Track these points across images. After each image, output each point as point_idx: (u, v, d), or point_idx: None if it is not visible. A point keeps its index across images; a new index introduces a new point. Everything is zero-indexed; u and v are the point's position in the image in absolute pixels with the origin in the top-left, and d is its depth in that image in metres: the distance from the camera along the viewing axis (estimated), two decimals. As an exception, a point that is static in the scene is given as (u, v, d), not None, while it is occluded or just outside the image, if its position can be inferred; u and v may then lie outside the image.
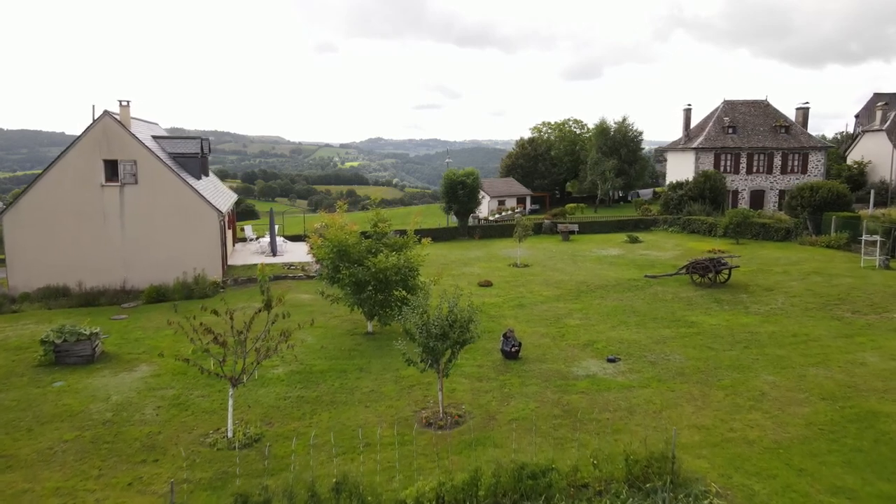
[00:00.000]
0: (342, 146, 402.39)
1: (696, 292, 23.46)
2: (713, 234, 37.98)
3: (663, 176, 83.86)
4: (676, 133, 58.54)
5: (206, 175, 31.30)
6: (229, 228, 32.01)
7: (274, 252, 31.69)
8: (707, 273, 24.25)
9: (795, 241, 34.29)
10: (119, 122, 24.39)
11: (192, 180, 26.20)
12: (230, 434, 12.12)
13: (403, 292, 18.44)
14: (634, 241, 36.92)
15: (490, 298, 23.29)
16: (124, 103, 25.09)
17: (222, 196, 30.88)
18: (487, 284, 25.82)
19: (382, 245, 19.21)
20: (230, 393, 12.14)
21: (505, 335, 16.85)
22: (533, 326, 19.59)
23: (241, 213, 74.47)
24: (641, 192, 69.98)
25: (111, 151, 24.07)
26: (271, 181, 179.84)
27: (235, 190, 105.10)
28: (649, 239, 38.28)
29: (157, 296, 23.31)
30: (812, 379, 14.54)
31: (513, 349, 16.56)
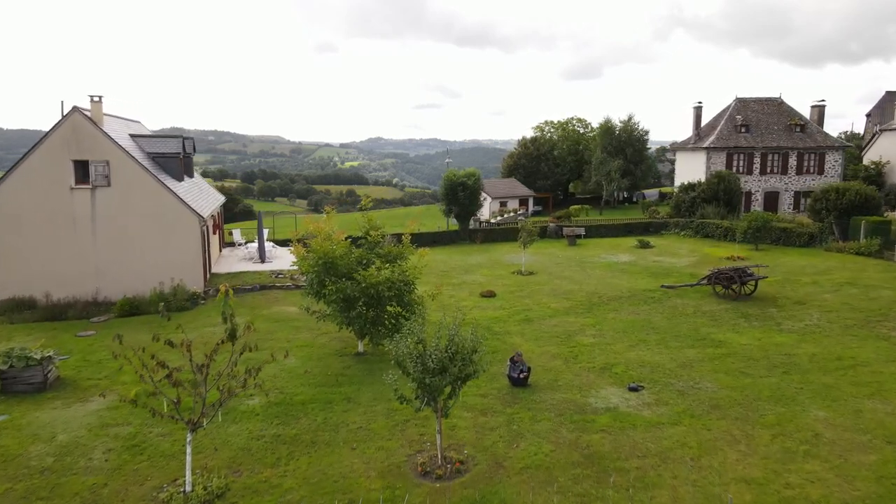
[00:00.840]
0: (342, 146, 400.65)
1: (720, 305, 21.44)
2: (729, 238, 35.89)
3: (666, 176, 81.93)
4: (678, 133, 56.62)
5: (190, 176, 29.31)
6: (215, 233, 30.02)
7: (262, 258, 29.71)
8: (731, 284, 22.20)
9: (821, 248, 32.12)
10: (90, 119, 22.38)
11: (171, 182, 24.21)
12: (188, 488, 10.14)
13: (398, 308, 16.46)
14: (645, 245, 34.84)
15: (493, 312, 21.31)
16: (96, 99, 23.04)
17: (206, 199, 28.87)
18: (490, 295, 23.82)
19: (375, 255, 17.14)
20: (188, 439, 10.17)
21: (512, 359, 14.85)
22: (542, 345, 17.60)
23: (240, 213, 72.38)
24: (647, 192, 68.02)
25: (81, 151, 22.04)
26: (271, 181, 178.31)
27: (234, 190, 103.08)
28: (661, 244, 36.21)
29: (131, 309, 21.30)
30: (870, 415, 12.54)
31: (521, 375, 14.58)
